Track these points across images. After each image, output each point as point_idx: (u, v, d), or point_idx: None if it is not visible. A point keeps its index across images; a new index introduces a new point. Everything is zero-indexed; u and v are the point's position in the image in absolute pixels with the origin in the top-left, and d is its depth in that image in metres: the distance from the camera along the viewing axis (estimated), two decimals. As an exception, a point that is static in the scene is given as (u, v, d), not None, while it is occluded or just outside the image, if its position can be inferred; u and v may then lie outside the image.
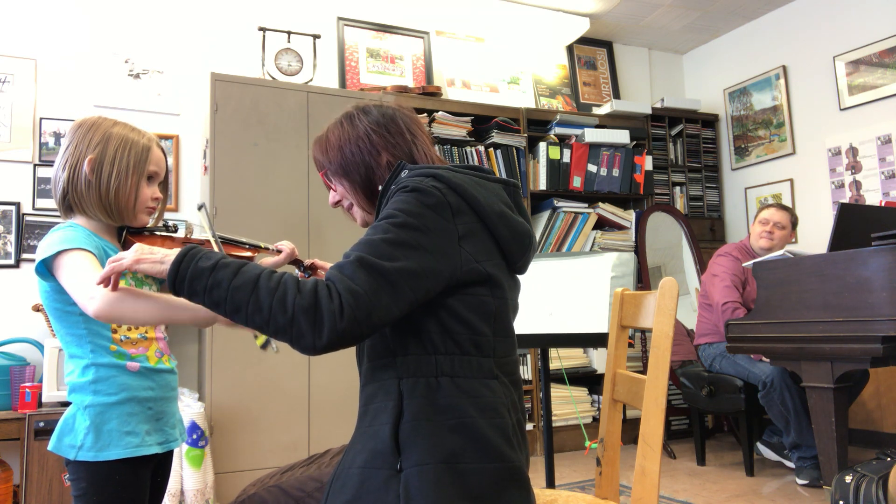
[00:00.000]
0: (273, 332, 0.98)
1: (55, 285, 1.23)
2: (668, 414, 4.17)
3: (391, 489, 1.00)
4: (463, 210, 1.10)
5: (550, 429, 2.27)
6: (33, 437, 2.62)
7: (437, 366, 1.07)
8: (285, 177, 3.19)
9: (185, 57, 3.63)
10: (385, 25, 4.20)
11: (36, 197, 3.25)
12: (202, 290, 1.01)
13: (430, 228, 1.06)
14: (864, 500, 2.04)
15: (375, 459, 1.03)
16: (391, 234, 1.03)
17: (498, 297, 1.13)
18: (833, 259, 2.44)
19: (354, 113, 1.28)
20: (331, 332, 0.95)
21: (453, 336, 1.08)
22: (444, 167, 1.16)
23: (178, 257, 1.05)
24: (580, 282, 2.17)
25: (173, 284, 1.04)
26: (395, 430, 1.04)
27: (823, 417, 2.45)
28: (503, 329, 1.14)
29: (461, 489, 1.01)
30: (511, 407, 1.12)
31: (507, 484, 1.04)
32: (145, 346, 1.32)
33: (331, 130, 1.29)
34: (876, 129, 3.93)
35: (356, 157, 1.24)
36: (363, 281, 0.98)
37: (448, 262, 1.06)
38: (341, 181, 1.27)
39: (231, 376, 2.96)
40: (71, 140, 1.31)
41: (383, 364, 1.10)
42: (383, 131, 1.25)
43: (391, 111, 1.28)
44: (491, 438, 1.04)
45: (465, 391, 1.06)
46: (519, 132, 4.06)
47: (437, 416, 1.04)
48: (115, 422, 1.24)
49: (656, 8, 4.48)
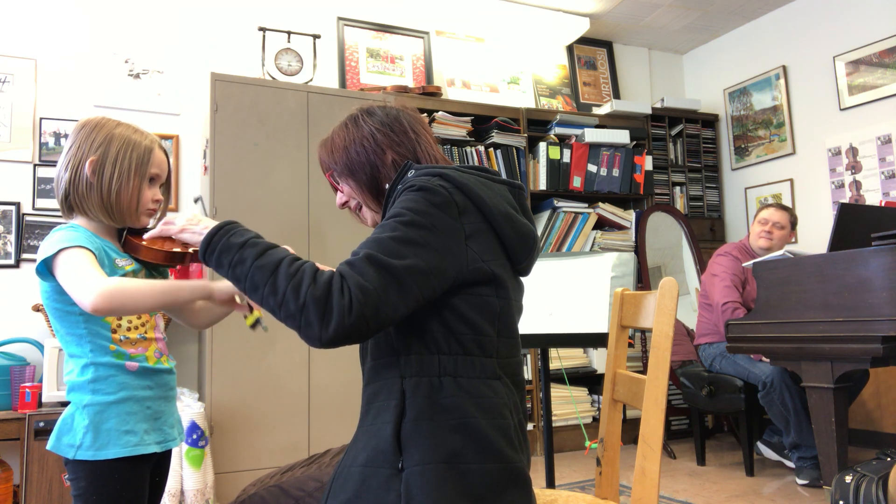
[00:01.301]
0: (284, 318, 1.00)
1: (55, 285, 1.23)
2: (668, 414, 4.17)
3: (392, 488, 1.00)
4: (469, 209, 1.11)
5: (550, 429, 2.27)
6: (33, 437, 2.62)
7: (439, 365, 1.07)
8: (285, 177, 3.19)
9: (185, 57, 3.63)
10: (385, 25, 4.20)
11: (36, 197, 3.25)
12: (228, 263, 1.06)
13: (438, 227, 1.06)
14: (864, 500, 2.04)
15: (377, 458, 1.04)
16: (399, 233, 1.04)
17: (502, 297, 1.13)
18: (833, 259, 2.44)
19: (358, 115, 1.29)
20: (338, 325, 0.96)
21: (457, 336, 1.08)
22: (450, 167, 1.17)
23: (213, 229, 1.11)
24: (580, 282, 2.17)
25: (203, 254, 1.10)
26: (396, 428, 1.04)
27: (823, 417, 2.45)
28: (507, 330, 1.14)
29: (462, 489, 1.01)
30: (513, 408, 1.12)
31: (508, 485, 1.04)
32: (144, 346, 1.32)
33: (336, 133, 1.30)
34: (876, 129, 3.93)
35: (361, 157, 1.25)
36: (373, 278, 0.99)
37: (455, 260, 1.07)
38: (347, 181, 1.28)
39: (231, 376, 2.96)
40: (74, 140, 1.31)
41: (386, 363, 1.11)
42: (388, 130, 1.26)
43: (395, 111, 1.29)
44: (492, 439, 1.04)
45: (468, 391, 1.06)
46: (519, 132, 4.06)
47: (438, 415, 1.04)
48: (113, 421, 1.25)
49: (656, 8, 4.48)
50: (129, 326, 1.30)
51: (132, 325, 1.31)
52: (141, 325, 1.32)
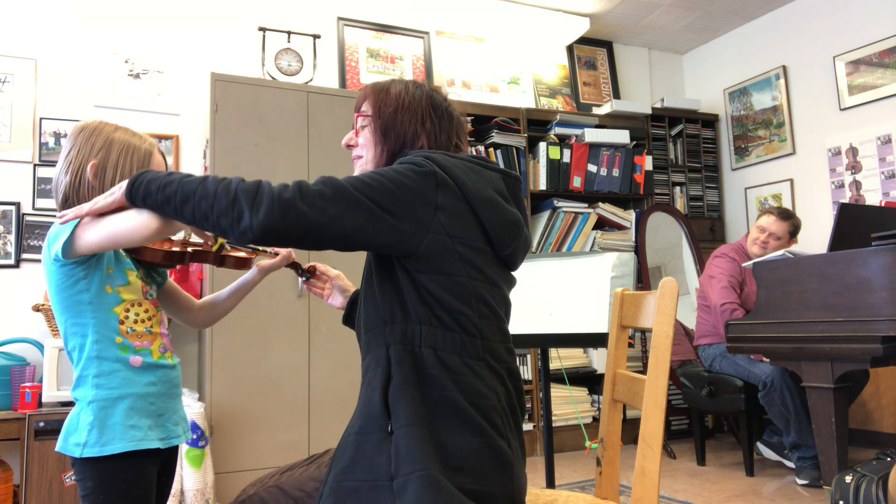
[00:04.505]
0: (217, 217, 1.02)
1: (70, 269, 1.24)
2: (668, 414, 4.17)
3: (383, 451, 1.03)
4: (448, 186, 1.11)
5: (550, 429, 2.27)
6: (33, 437, 2.62)
7: (420, 336, 1.09)
8: (285, 177, 3.14)
9: (185, 57, 3.63)
10: (385, 25, 4.20)
11: (36, 197, 3.25)
12: (156, 188, 1.07)
13: (409, 186, 1.08)
14: (864, 500, 2.04)
15: (369, 424, 1.06)
16: (367, 177, 1.08)
17: (476, 279, 1.12)
18: (833, 259, 2.44)
19: (425, 87, 1.28)
20: (268, 210, 0.99)
21: (433, 311, 1.10)
22: (441, 153, 1.17)
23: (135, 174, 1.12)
24: (580, 282, 2.17)
25: (130, 191, 1.10)
26: (384, 393, 1.07)
27: (823, 417, 2.45)
28: (491, 313, 1.14)
29: (442, 457, 1.02)
30: (500, 393, 1.12)
31: (488, 459, 1.05)
32: (150, 339, 1.33)
33: (395, 88, 1.27)
34: (876, 129, 3.93)
35: (402, 128, 1.23)
36: (320, 187, 1.03)
37: (415, 223, 1.07)
38: (374, 135, 1.25)
39: (231, 376, 2.96)
40: (73, 144, 1.32)
41: (376, 333, 1.13)
42: (437, 121, 1.25)
43: (453, 111, 1.30)
44: (472, 415, 1.06)
45: (447, 366, 1.08)
46: (519, 132, 4.06)
47: (422, 384, 1.07)
48: (118, 416, 1.25)
49: (656, 8, 4.48)
50: (136, 319, 1.31)
51: (139, 317, 1.32)
52: (148, 319, 1.33)
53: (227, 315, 1.59)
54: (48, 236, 1.25)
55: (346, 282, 1.56)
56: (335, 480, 1.05)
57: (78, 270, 1.24)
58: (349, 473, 1.04)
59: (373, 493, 1.01)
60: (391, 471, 1.01)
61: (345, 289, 1.54)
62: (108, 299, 1.27)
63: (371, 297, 1.16)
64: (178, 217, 1.08)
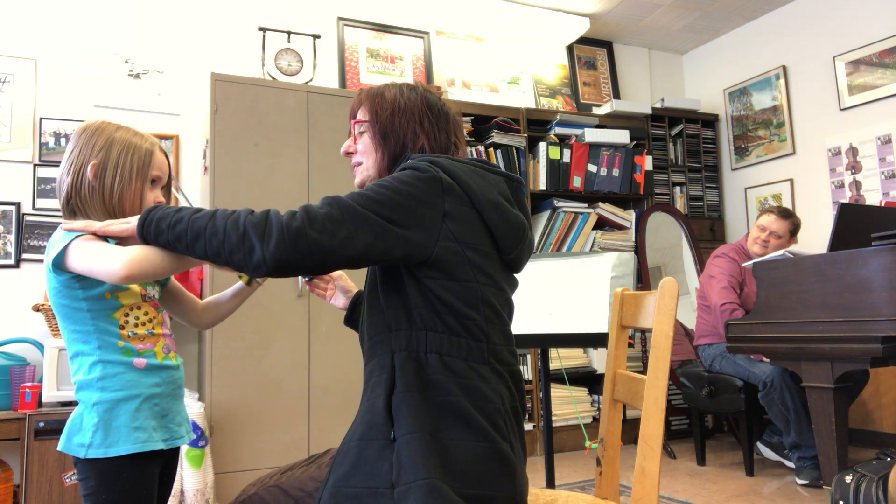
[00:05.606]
0: (229, 253, 1.02)
1: (66, 279, 1.24)
2: (668, 414, 4.17)
3: (386, 458, 1.03)
4: (454, 191, 1.11)
5: (550, 429, 2.27)
6: (33, 437, 2.62)
7: (426, 342, 1.09)
8: (285, 177, 3.19)
9: (185, 57, 3.63)
10: (385, 25, 4.20)
11: (36, 197, 3.25)
12: (167, 226, 1.08)
13: (415, 195, 1.07)
14: (864, 500, 2.04)
15: (371, 431, 1.06)
16: (372, 191, 1.07)
17: (485, 283, 1.13)
18: (833, 259, 2.44)
19: (419, 89, 1.28)
20: (278, 241, 0.99)
21: (441, 317, 1.10)
22: (444, 157, 1.17)
23: (146, 210, 1.13)
24: (580, 282, 2.17)
25: (142, 227, 1.11)
26: (387, 400, 1.07)
27: (823, 417, 2.45)
28: (498, 318, 1.15)
29: (446, 462, 1.02)
30: (504, 395, 1.12)
31: (492, 465, 1.05)
32: (153, 341, 1.32)
33: (389, 92, 1.27)
34: (876, 129, 3.93)
35: (401, 130, 1.23)
36: (327, 209, 1.03)
37: (425, 232, 1.07)
38: (374, 139, 1.25)
39: (231, 376, 2.96)
40: (75, 144, 1.32)
41: (380, 340, 1.13)
42: (435, 120, 1.25)
43: (449, 109, 1.30)
44: (477, 419, 1.06)
45: (453, 371, 1.08)
46: (519, 132, 4.06)
47: (426, 390, 1.07)
48: (123, 418, 1.25)
49: (656, 8, 4.48)
50: (136, 323, 1.31)
51: (139, 321, 1.31)
52: (148, 322, 1.33)
53: (230, 315, 1.59)
54: (50, 241, 1.25)
55: (348, 282, 1.56)
56: (335, 486, 1.05)
57: (74, 281, 1.24)
58: (350, 479, 1.04)
59: (373, 500, 1.01)
60: (392, 478, 1.01)
61: (347, 289, 1.54)
62: (106, 305, 1.27)
63: (376, 304, 1.16)
64: (191, 254, 1.09)
